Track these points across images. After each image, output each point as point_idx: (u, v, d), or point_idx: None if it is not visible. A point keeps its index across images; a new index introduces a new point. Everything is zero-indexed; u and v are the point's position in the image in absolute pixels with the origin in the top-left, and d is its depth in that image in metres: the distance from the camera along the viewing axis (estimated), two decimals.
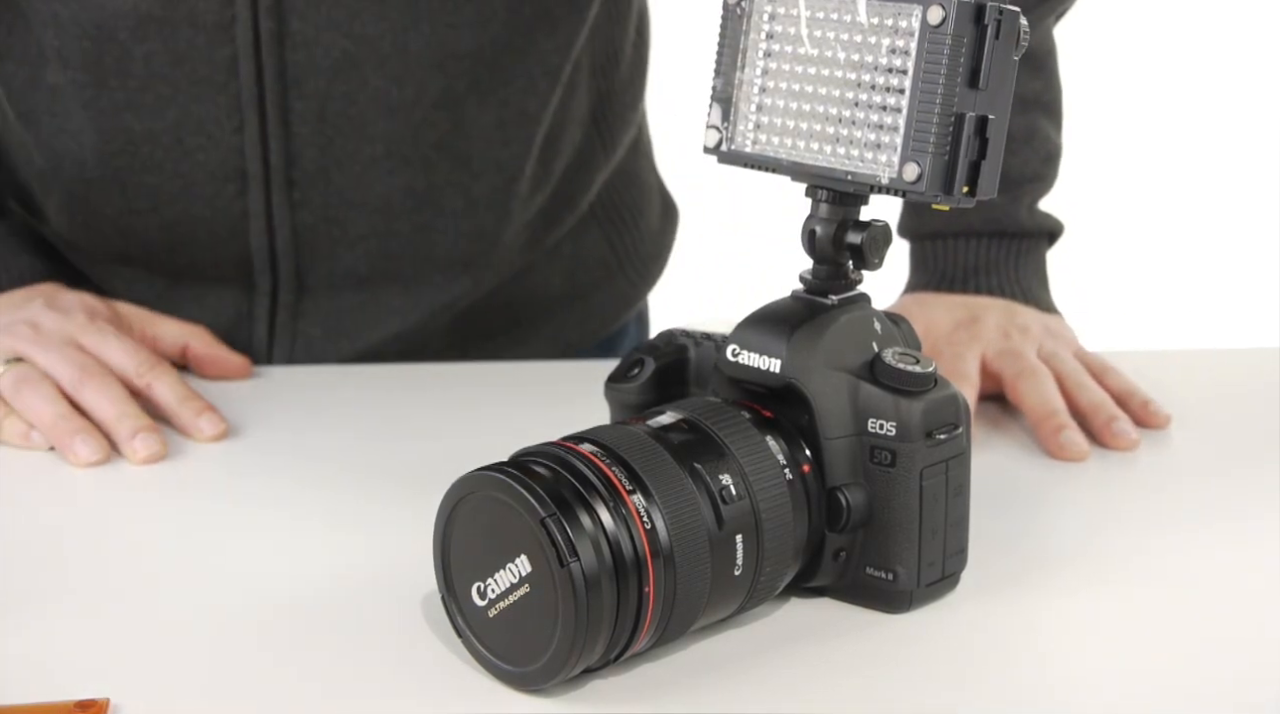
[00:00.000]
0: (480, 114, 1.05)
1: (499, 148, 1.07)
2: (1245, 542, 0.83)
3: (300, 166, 1.03)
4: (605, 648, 0.65)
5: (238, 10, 0.98)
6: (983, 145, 0.68)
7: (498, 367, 1.11)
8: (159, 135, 1.02)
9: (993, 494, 0.83)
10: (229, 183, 1.03)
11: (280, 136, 1.02)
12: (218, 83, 1.00)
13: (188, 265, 1.08)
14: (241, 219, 1.05)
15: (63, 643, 0.71)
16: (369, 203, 1.05)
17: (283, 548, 0.81)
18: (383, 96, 1.02)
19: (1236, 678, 0.70)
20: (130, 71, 1.00)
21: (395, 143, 1.04)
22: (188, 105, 1.01)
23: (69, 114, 1.03)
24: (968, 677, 0.70)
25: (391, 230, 1.07)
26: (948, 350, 1.00)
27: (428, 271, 1.09)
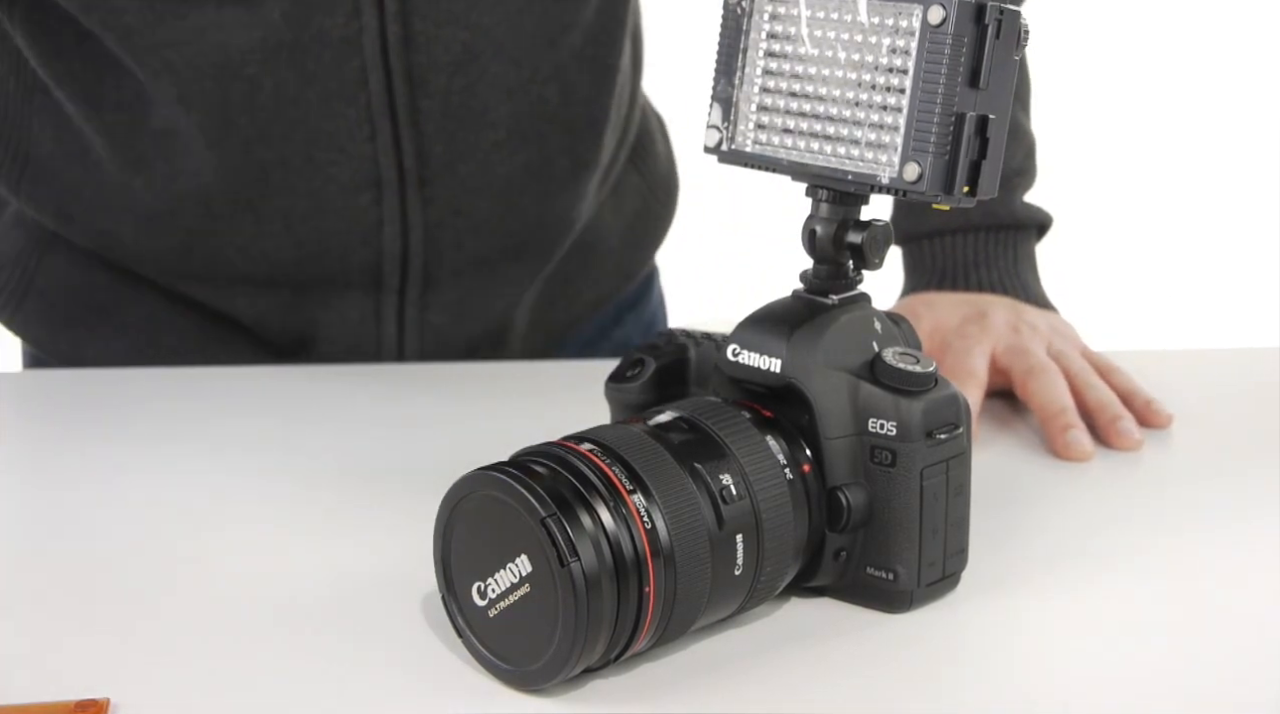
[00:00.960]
0: (579, 78, 1.06)
1: (593, 105, 1.08)
2: (1245, 541, 0.83)
3: (430, 164, 1.03)
4: (605, 648, 0.65)
5: (365, 21, 0.97)
6: (983, 145, 0.68)
7: (498, 366, 1.11)
8: (290, 159, 1.01)
9: (993, 494, 0.83)
10: (363, 192, 1.03)
11: (412, 138, 1.02)
12: (347, 95, 1.00)
13: (316, 276, 1.07)
14: (376, 226, 1.05)
15: (63, 643, 0.71)
16: (493, 187, 1.06)
17: (283, 548, 0.81)
18: (500, 80, 1.02)
19: (1237, 678, 0.70)
20: (258, 104, 0.99)
21: (514, 123, 1.04)
22: (318, 123, 1.00)
23: (188, 154, 1.02)
24: (968, 677, 0.70)
25: (514, 209, 1.07)
26: (957, 344, 1.00)
27: (538, 236, 1.11)
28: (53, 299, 1.11)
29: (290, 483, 0.89)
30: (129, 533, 0.83)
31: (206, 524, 0.85)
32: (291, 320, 1.09)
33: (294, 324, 1.09)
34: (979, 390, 0.97)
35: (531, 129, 1.05)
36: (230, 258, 1.06)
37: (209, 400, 1.03)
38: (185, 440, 0.95)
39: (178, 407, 1.02)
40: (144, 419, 0.99)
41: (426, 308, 1.10)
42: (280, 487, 0.89)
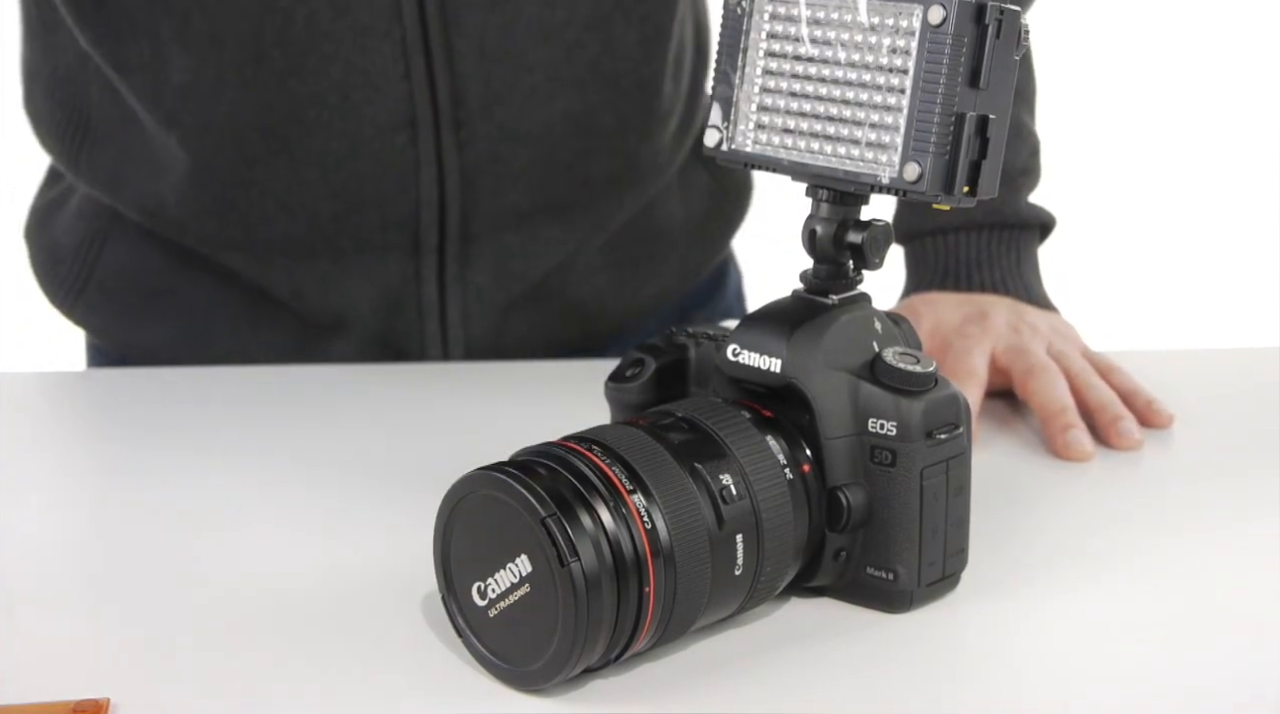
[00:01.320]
0: (625, 32, 1.06)
1: (642, 65, 1.07)
2: (1246, 541, 0.83)
3: (466, 105, 1.03)
4: (605, 648, 0.65)
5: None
6: (983, 145, 0.68)
7: (498, 366, 1.11)
8: (324, 95, 1.01)
9: (994, 494, 0.83)
10: (398, 133, 1.03)
11: (446, 76, 1.01)
12: (381, 30, 1.00)
13: (354, 236, 1.07)
14: (412, 169, 1.04)
15: (62, 643, 0.71)
16: (530, 133, 1.05)
17: (283, 548, 0.81)
18: (537, 22, 1.02)
19: (1237, 678, 0.70)
20: (292, 37, 0.99)
21: (551, 68, 1.04)
22: (351, 58, 1.00)
23: (219, 99, 1.02)
24: (968, 677, 0.70)
25: (551, 159, 1.07)
26: (958, 343, 1.00)
27: (583, 197, 1.10)
28: (110, 288, 1.12)
29: (290, 483, 0.89)
30: (128, 533, 0.83)
31: (206, 524, 0.84)
32: (332, 294, 1.08)
33: (334, 297, 1.09)
34: (979, 390, 0.97)
35: (570, 76, 1.05)
36: (269, 214, 1.05)
37: (209, 401, 1.03)
38: (185, 441, 0.95)
39: (177, 407, 1.02)
40: (143, 420, 0.99)
41: (467, 266, 1.08)
42: (280, 487, 0.89)
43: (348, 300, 1.09)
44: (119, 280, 1.12)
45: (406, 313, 1.09)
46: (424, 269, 1.08)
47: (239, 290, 1.10)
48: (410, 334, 1.10)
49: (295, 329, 1.11)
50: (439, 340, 1.10)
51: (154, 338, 1.12)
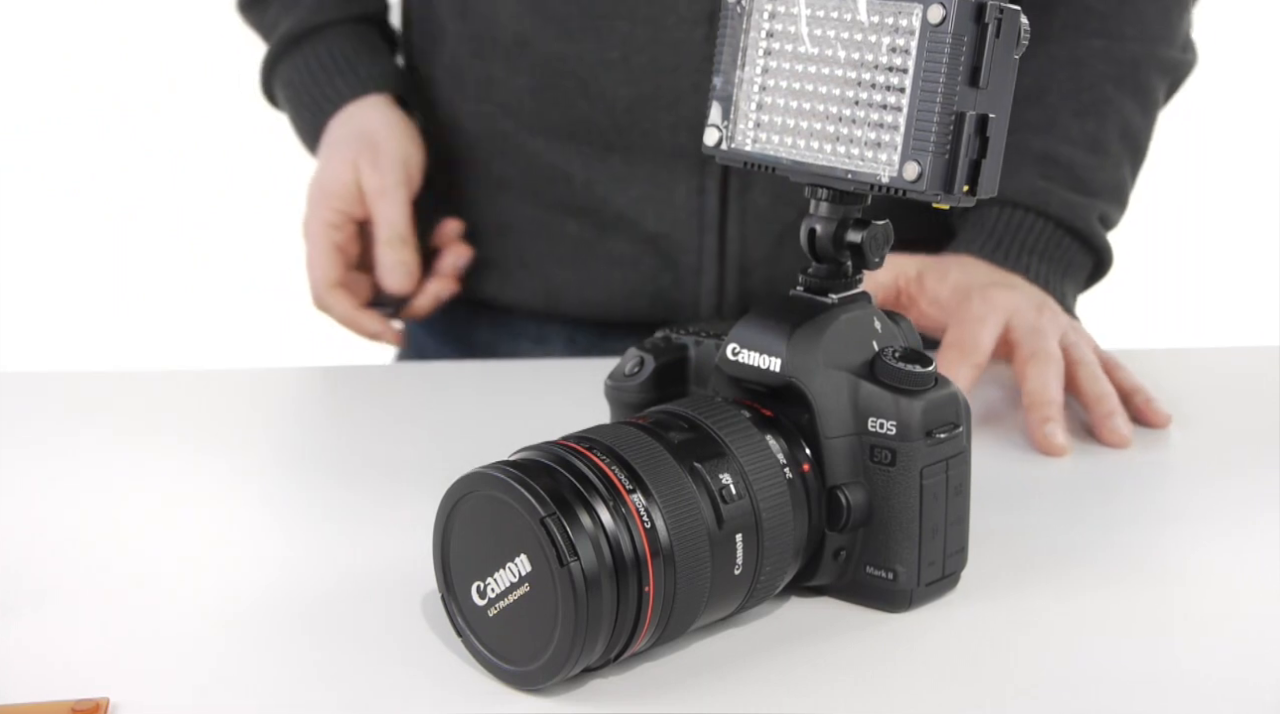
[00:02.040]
0: None
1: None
2: (1245, 541, 0.83)
3: None
4: (605, 647, 0.65)
5: None
6: (983, 144, 0.68)
7: (498, 366, 1.11)
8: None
9: (993, 493, 0.83)
10: (699, 26, 1.04)
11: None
12: None
13: (646, 132, 1.08)
14: (705, 64, 1.05)
15: (62, 643, 0.71)
16: None
17: (282, 548, 0.81)
18: None
19: (1236, 678, 0.70)
20: None
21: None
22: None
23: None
24: (968, 676, 0.70)
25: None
26: (977, 304, 0.99)
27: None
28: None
29: (290, 483, 0.89)
30: (128, 533, 0.83)
31: (206, 524, 0.84)
32: (622, 193, 1.09)
33: (623, 197, 1.09)
34: (976, 369, 0.97)
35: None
36: (572, 95, 1.08)
37: (209, 401, 1.03)
38: (185, 441, 0.95)
39: (177, 407, 1.02)
40: (143, 420, 0.99)
41: (749, 187, 1.09)
42: (280, 486, 0.89)
43: (636, 202, 1.10)
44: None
45: (688, 225, 1.09)
46: (708, 180, 1.09)
47: (530, 198, 1.13)
48: (689, 248, 1.10)
49: (585, 226, 1.12)
50: (716, 256, 1.10)
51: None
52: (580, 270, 1.13)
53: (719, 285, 1.10)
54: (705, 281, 1.11)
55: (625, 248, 1.11)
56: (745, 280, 1.10)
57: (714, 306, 1.11)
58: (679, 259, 1.10)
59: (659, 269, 1.11)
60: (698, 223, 1.09)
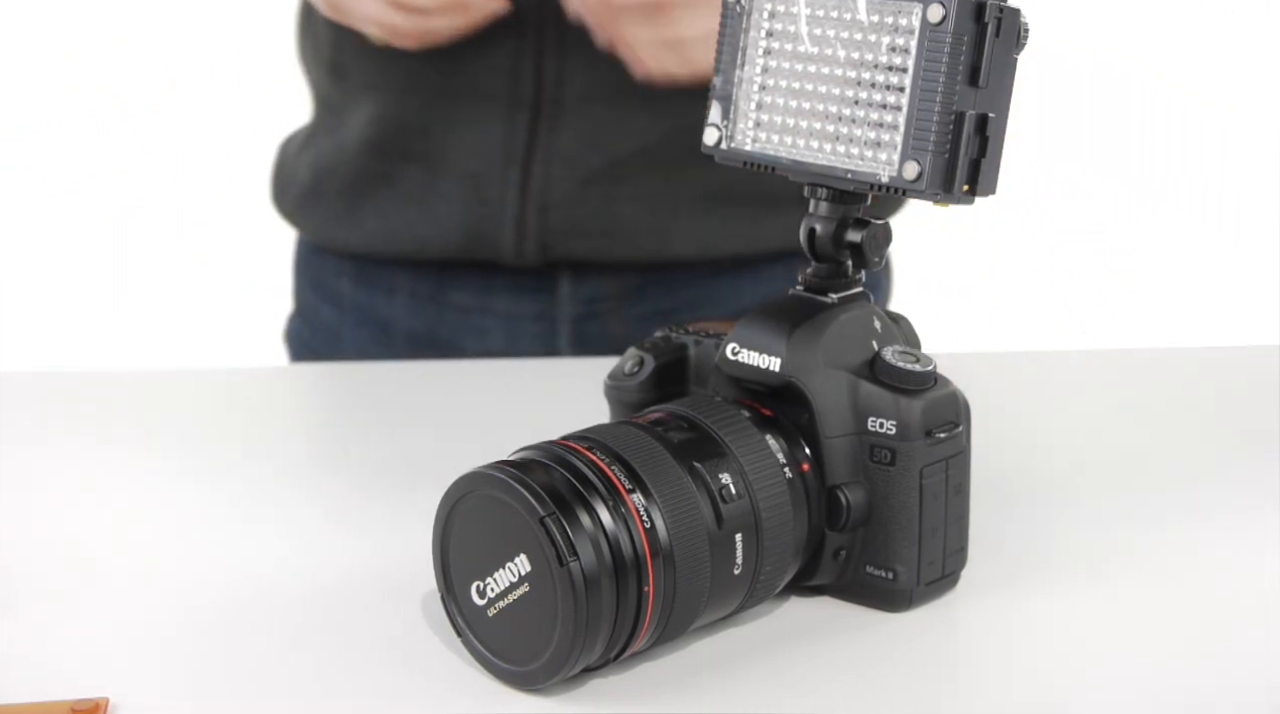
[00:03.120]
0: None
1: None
2: (1245, 541, 0.82)
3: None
4: (605, 647, 0.65)
5: None
6: (983, 143, 0.68)
7: (498, 365, 1.11)
8: None
9: (992, 493, 0.83)
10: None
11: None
12: None
13: (464, 77, 1.09)
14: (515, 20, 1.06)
15: (62, 643, 0.71)
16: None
17: (282, 548, 0.81)
18: None
19: (1236, 677, 0.70)
20: None
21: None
22: None
23: None
24: (967, 676, 0.70)
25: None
26: None
27: (674, 95, 1.09)
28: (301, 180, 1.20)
29: (289, 483, 0.89)
30: (128, 533, 0.83)
31: (206, 524, 0.84)
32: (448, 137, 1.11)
33: (449, 142, 1.11)
34: None
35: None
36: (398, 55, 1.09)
37: (208, 401, 1.03)
38: (184, 441, 0.95)
39: (176, 407, 1.02)
40: (142, 419, 0.99)
41: (557, 129, 1.10)
42: (280, 486, 0.89)
43: (457, 145, 1.11)
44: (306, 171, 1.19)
45: (497, 161, 1.11)
46: (517, 121, 1.10)
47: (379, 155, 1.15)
48: (495, 181, 1.12)
49: (420, 169, 1.14)
50: (518, 188, 1.11)
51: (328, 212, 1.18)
52: (415, 209, 1.14)
53: (519, 218, 1.12)
54: (506, 213, 1.12)
55: (449, 187, 1.13)
56: (544, 217, 1.12)
57: (514, 242, 1.12)
58: (488, 194, 1.12)
59: (472, 204, 1.13)
60: (503, 158, 1.11)
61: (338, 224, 1.18)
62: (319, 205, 1.18)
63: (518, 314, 1.15)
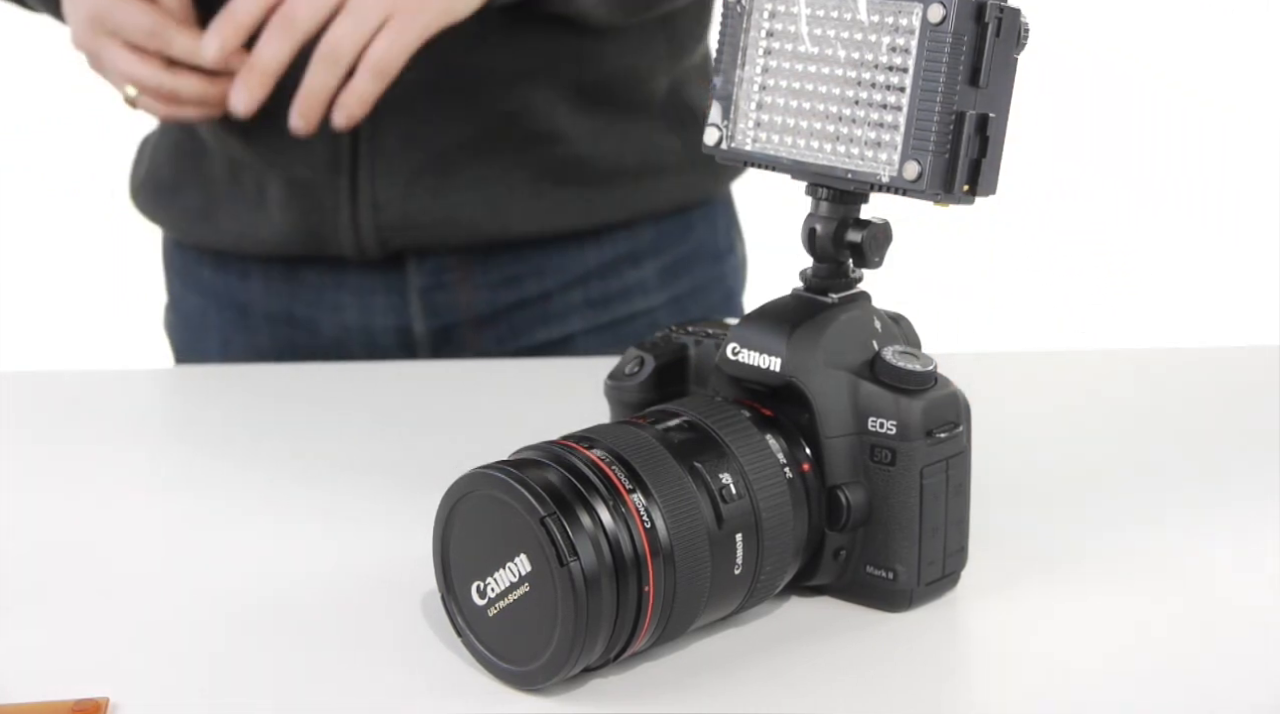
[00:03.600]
0: None
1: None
2: (1245, 541, 0.83)
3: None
4: (605, 647, 0.65)
5: None
6: (983, 143, 0.68)
7: (497, 365, 1.11)
8: None
9: (993, 493, 0.83)
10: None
11: None
12: None
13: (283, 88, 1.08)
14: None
15: (62, 643, 0.71)
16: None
17: (282, 548, 0.81)
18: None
19: (1236, 677, 0.70)
20: None
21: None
22: None
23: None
24: (967, 676, 0.70)
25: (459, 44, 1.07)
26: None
27: (489, 86, 1.12)
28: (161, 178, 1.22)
29: (290, 483, 0.89)
30: (128, 532, 0.83)
31: (206, 524, 0.84)
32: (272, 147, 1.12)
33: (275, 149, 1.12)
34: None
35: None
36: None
37: (207, 400, 1.03)
38: (184, 440, 0.95)
39: (175, 406, 1.02)
40: (142, 419, 0.99)
41: (378, 133, 1.11)
42: (280, 486, 0.89)
43: (284, 152, 1.12)
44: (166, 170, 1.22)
45: (326, 167, 1.12)
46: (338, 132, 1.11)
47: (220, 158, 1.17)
48: (327, 187, 1.13)
49: (255, 184, 1.16)
50: (349, 193, 1.13)
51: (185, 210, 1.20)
52: (257, 213, 1.16)
53: (353, 219, 1.14)
54: (341, 217, 1.14)
55: (283, 193, 1.15)
56: (378, 216, 1.13)
57: (353, 241, 1.14)
58: (321, 200, 1.14)
59: (308, 209, 1.14)
60: (332, 164, 1.13)
61: (195, 223, 1.20)
62: (175, 204, 1.21)
63: (369, 288, 1.17)
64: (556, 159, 1.15)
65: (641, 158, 1.19)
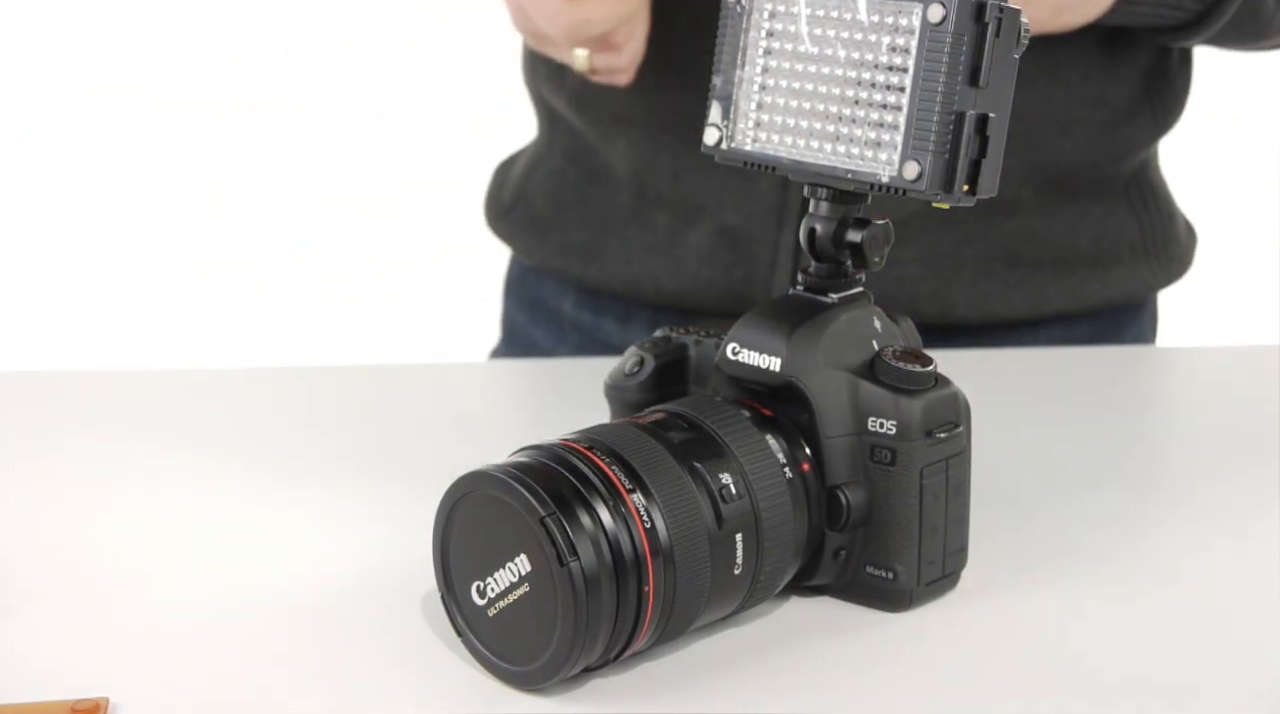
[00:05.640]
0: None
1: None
2: (1245, 541, 0.82)
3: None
4: (605, 647, 0.65)
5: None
6: (983, 143, 0.68)
7: (497, 365, 1.11)
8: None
9: (993, 493, 0.83)
10: None
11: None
12: None
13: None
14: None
15: (62, 643, 0.71)
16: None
17: (282, 548, 0.81)
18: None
19: (1236, 677, 0.70)
20: None
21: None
22: None
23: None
24: (968, 676, 0.70)
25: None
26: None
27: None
28: (535, 205, 1.16)
29: (289, 482, 0.89)
30: (127, 533, 0.83)
31: (205, 524, 0.84)
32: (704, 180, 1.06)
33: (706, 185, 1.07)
34: None
35: None
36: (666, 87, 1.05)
37: (207, 400, 1.03)
38: (183, 440, 0.95)
39: (177, 407, 1.02)
40: (143, 419, 0.99)
41: None
42: (280, 486, 0.89)
43: (717, 192, 1.07)
44: (541, 197, 1.16)
45: (766, 219, 1.06)
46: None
47: (627, 193, 1.10)
48: (765, 241, 1.07)
49: (668, 226, 1.09)
50: (792, 251, 1.07)
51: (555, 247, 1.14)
52: (663, 259, 1.10)
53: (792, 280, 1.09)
54: (779, 276, 1.08)
55: (701, 240, 1.08)
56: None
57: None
58: (754, 253, 1.08)
59: (733, 263, 1.08)
60: (777, 217, 1.06)
61: (572, 257, 1.13)
62: (550, 235, 1.14)
63: None
64: (1013, 234, 1.08)
65: (1096, 242, 1.10)
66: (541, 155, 1.17)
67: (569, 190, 1.14)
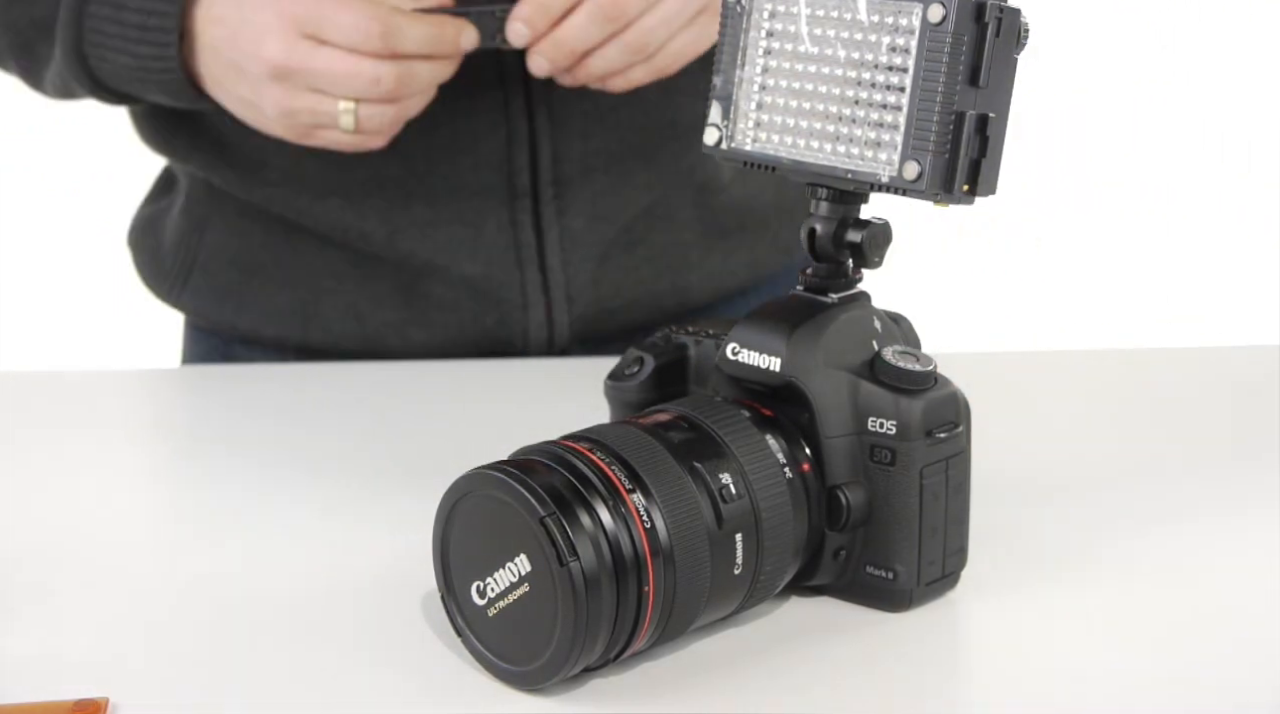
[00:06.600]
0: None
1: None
2: (1245, 541, 0.82)
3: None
4: (605, 647, 0.65)
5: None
6: (983, 143, 0.68)
7: (498, 365, 1.11)
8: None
9: (993, 493, 0.83)
10: (488, 70, 1.02)
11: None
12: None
13: (447, 177, 1.05)
14: (501, 107, 1.03)
15: (63, 643, 0.71)
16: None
17: (282, 547, 0.81)
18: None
19: (1236, 677, 0.70)
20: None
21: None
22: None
23: None
24: (967, 676, 0.70)
25: (639, 99, 1.03)
26: None
27: (668, 141, 1.08)
28: (214, 271, 1.11)
29: (290, 482, 0.89)
30: (128, 532, 0.83)
31: (206, 524, 0.84)
32: (429, 240, 1.06)
33: (431, 244, 1.06)
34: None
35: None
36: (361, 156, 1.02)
37: (207, 400, 1.03)
38: (184, 440, 0.95)
39: (177, 407, 1.02)
40: (143, 419, 0.99)
41: (562, 212, 1.06)
42: (280, 486, 0.89)
43: (445, 247, 1.06)
44: (221, 262, 1.11)
45: (505, 262, 1.07)
46: (519, 213, 1.06)
47: (337, 250, 1.08)
48: (511, 284, 1.07)
49: (396, 279, 1.08)
50: (540, 288, 1.07)
51: (260, 313, 1.11)
52: (401, 313, 1.09)
53: (548, 317, 1.08)
54: (533, 316, 1.08)
55: (443, 292, 1.08)
56: (574, 307, 1.08)
57: (545, 340, 1.09)
58: (501, 297, 1.08)
59: (480, 311, 1.08)
60: (515, 258, 1.07)
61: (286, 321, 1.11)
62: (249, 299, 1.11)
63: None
64: (721, 208, 1.11)
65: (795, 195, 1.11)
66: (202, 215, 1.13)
67: (261, 252, 1.10)
